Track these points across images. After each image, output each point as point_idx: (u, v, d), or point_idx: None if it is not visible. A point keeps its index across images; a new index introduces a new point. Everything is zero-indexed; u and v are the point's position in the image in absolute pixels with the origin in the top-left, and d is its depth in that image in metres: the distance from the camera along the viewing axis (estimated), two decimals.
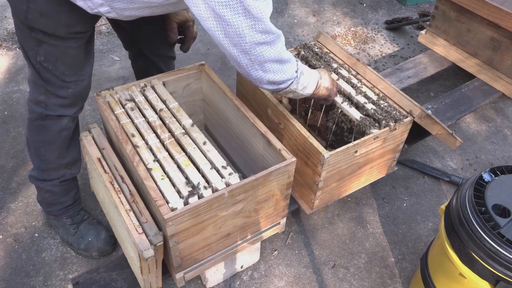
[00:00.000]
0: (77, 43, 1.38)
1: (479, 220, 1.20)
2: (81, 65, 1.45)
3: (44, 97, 1.47)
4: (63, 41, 1.34)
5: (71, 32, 1.34)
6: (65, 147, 1.60)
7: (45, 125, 1.53)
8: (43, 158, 1.60)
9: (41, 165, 1.63)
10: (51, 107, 1.48)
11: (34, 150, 1.61)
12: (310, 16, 3.41)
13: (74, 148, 1.65)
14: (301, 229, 1.93)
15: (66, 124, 1.55)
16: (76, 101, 1.52)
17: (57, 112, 1.50)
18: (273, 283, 1.74)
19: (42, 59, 1.37)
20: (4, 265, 1.74)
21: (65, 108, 1.50)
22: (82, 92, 1.51)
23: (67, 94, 1.47)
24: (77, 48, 1.40)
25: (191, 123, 1.52)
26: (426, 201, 2.10)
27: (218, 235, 1.41)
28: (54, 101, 1.47)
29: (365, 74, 1.88)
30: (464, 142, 2.40)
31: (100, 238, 1.76)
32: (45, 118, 1.51)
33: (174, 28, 1.69)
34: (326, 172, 1.59)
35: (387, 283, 1.76)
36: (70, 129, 1.58)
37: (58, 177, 1.65)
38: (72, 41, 1.37)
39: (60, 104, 1.48)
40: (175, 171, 1.35)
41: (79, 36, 1.38)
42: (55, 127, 1.54)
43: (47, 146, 1.57)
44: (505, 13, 2.23)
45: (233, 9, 1.10)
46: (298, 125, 1.61)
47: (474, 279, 1.26)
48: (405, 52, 3.08)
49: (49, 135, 1.55)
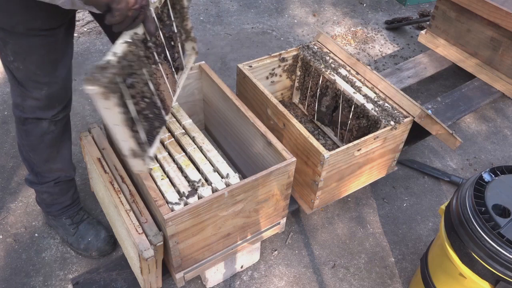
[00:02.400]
0: (42, 41, 1.29)
1: (479, 220, 1.20)
2: (53, 66, 1.38)
3: (20, 99, 1.42)
4: (25, 38, 1.27)
5: (31, 29, 1.25)
6: (54, 152, 1.58)
7: (27, 129, 1.50)
8: (33, 162, 1.59)
9: (33, 168, 1.62)
10: (27, 109, 1.44)
11: (24, 154, 1.60)
12: (310, 16, 3.41)
13: (65, 153, 1.62)
14: (301, 229, 1.93)
15: (47, 128, 1.50)
16: (52, 103, 1.45)
17: (34, 114, 1.45)
18: (273, 283, 1.74)
19: (12, 59, 1.31)
20: (4, 265, 1.74)
21: (41, 110, 1.45)
22: (57, 94, 1.44)
23: (41, 96, 1.41)
24: (44, 47, 1.31)
25: (191, 123, 1.52)
26: (426, 201, 2.10)
27: (218, 235, 1.41)
28: (30, 103, 1.42)
29: (365, 74, 1.88)
30: (464, 142, 2.40)
31: (100, 238, 1.76)
32: (25, 122, 1.48)
33: None
34: (326, 172, 1.59)
35: (387, 283, 1.76)
36: (53, 133, 1.53)
37: (52, 179, 1.65)
38: (35, 39, 1.28)
39: (36, 106, 1.43)
40: (175, 171, 1.35)
41: (42, 34, 1.28)
42: (36, 132, 1.50)
43: (33, 151, 1.56)
44: (505, 13, 2.23)
45: None
46: (298, 125, 1.61)
47: (474, 279, 1.26)
48: (405, 52, 3.08)
49: (32, 140, 1.52)
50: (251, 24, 3.27)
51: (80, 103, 2.46)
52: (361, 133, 1.80)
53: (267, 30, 3.22)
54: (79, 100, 2.47)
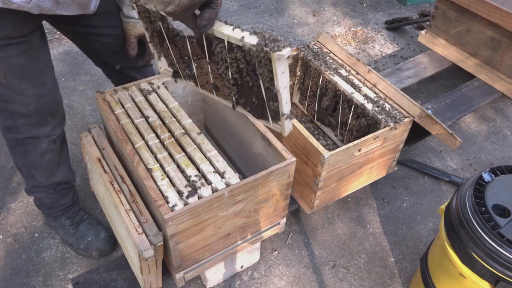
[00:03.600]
0: (17, 50, 1.25)
1: (479, 220, 1.20)
2: (38, 76, 1.34)
3: (11, 121, 1.39)
4: (0, 49, 1.22)
5: (1, 38, 1.21)
6: (54, 168, 1.58)
7: (25, 150, 1.48)
8: (34, 177, 1.59)
9: (35, 183, 1.62)
10: (21, 129, 1.41)
11: (25, 172, 1.59)
12: (310, 16, 3.41)
13: (64, 166, 1.63)
14: (301, 229, 1.93)
15: (46, 148, 1.49)
16: (43, 118, 1.42)
17: (30, 133, 1.43)
18: (273, 283, 1.74)
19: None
20: (4, 265, 1.74)
21: (35, 127, 1.42)
22: (46, 107, 1.40)
23: (29, 112, 1.37)
24: (21, 57, 1.27)
25: (191, 123, 1.52)
26: (426, 201, 2.10)
27: (218, 235, 1.41)
28: (22, 122, 1.39)
29: (365, 74, 1.88)
30: (464, 142, 2.40)
31: (100, 238, 1.76)
32: (23, 143, 1.45)
33: (133, 43, 1.56)
34: (326, 172, 1.59)
35: (387, 283, 1.76)
36: (54, 150, 1.53)
37: (52, 188, 1.65)
38: (11, 49, 1.24)
39: (28, 123, 1.40)
40: (175, 171, 1.35)
41: (16, 42, 1.24)
42: (36, 151, 1.49)
43: (34, 168, 1.55)
44: (505, 13, 2.23)
45: None
46: (298, 125, 1.61)
47: (474, 279, 1.26)
48: (405, 52, 3.08)
49: (33, 159, 1.51)
50: (251, 24, 3.27)
51: (80, 103, 2.46)
52: (361, 133, 1.80)
53: (267, 30, 3.21)
54: (79, 100, 2.47)
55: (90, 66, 2.68)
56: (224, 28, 1.06)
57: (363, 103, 1.75)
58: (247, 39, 1.03)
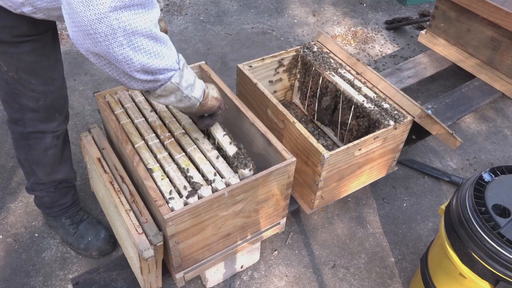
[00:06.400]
0: (30, 47, 1.28)
1: (479, 220, 1.20)
2: (48, 73, 1.36)
3: (19, 114, 1.41)
4: (13, 46, 1.25)
5: (17, 35, 1.23)
6: (56, 165, 1.59)
7: (30, 144, 1.50)
8: (36, 174, 1.60)
9: (36, 180, 1.63)
10: (28, 123, 1.43)
11: (27, 168, 1.60)
12: (310, 16, 3.41)
13: (66, 164, 1.64)
14: (301, 229, 1.93)
15: (50, 143, 1.51)
16: (51, 114, 1.45)
17: (37, 127, 1.45)
18: (273, 283, 1.74)
19: (5, 69, 1.29)
20: (4, 265, 1.74)
21: (42, 122, 1.45)
22: (54, 104, 1.43)
23: (38, 107, 1.40)
24: (33, 54, 1.30)
25: (191, 123, 1.52)
26: (426, 201, 2.10)
27: (218, 235, 1.41)
28: (30, 116, 1.42)
29: (365, 74, 1.88)
30: (464, 142, 2.40)
31: (100, 238, 1.76)
32: (28, 137, 1.47)
33: None
34: (326, 172, 1.59)
35: (387, 283, 1.76)
36: (57, 147, 1.54)
37: (53, 186, 1.66)
38: (24, 46, 1.26)
39: (36, 118, 1.43)
40: (175, 171, 1.35)
41: (30, 39, 1.27)
42: (40, 146, 1.50)
43: (36, 164, 1.56)
44: (505, 13, 2.23)
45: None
46: (298, 125, 1.61)
47: (474, 279, 1.26)
48: (405, 52, 3.08)
49: (36, 154, 1.53)
50: (251, 24, 3.27)
51: (80, 103, 2.46)
52: (361, 133, 1.80)
53: (267, 30, 3.22)
54: (79, 100, 2.47)
55: (90, 66, 2.68)
56: (218, 131, 1.46)
57: (363, 103, 1.75)
58: (227, 148, 1.40)
